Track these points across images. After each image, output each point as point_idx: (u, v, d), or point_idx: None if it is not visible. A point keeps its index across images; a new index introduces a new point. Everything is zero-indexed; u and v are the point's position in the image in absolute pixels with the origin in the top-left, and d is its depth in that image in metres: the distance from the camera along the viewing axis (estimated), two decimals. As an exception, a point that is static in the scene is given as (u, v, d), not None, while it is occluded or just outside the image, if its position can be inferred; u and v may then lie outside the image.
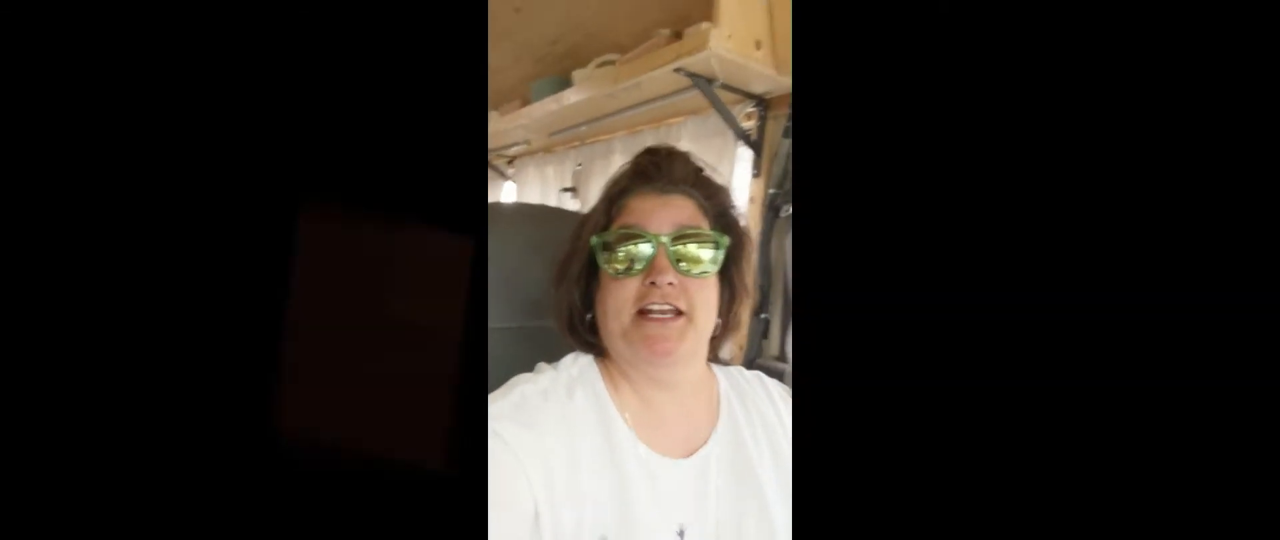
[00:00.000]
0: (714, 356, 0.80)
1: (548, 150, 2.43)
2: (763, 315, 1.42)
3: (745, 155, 1.51)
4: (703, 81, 1.35)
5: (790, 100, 1.42)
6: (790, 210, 1.38)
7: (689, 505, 0.68)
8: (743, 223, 0.76)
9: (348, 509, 0.50)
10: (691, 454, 0.71)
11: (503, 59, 2.09)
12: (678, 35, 1.35)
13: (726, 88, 1.40)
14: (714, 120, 1.51)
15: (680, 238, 0.69)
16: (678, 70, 1.33)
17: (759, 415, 0.77)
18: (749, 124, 1.49)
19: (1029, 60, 0.45)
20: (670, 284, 0.67)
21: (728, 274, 0.74)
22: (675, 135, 1.71)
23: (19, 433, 0.45)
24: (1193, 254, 0.43)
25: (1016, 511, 0.44)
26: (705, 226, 0.72)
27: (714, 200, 0.74)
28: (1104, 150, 0.44)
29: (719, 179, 0.76)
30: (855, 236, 0.47)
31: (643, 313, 0.67)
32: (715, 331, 0.74)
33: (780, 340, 1.43)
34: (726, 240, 0.72)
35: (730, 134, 1.47)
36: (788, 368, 1.33)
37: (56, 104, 0.46)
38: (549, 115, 1.89)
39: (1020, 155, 0.45)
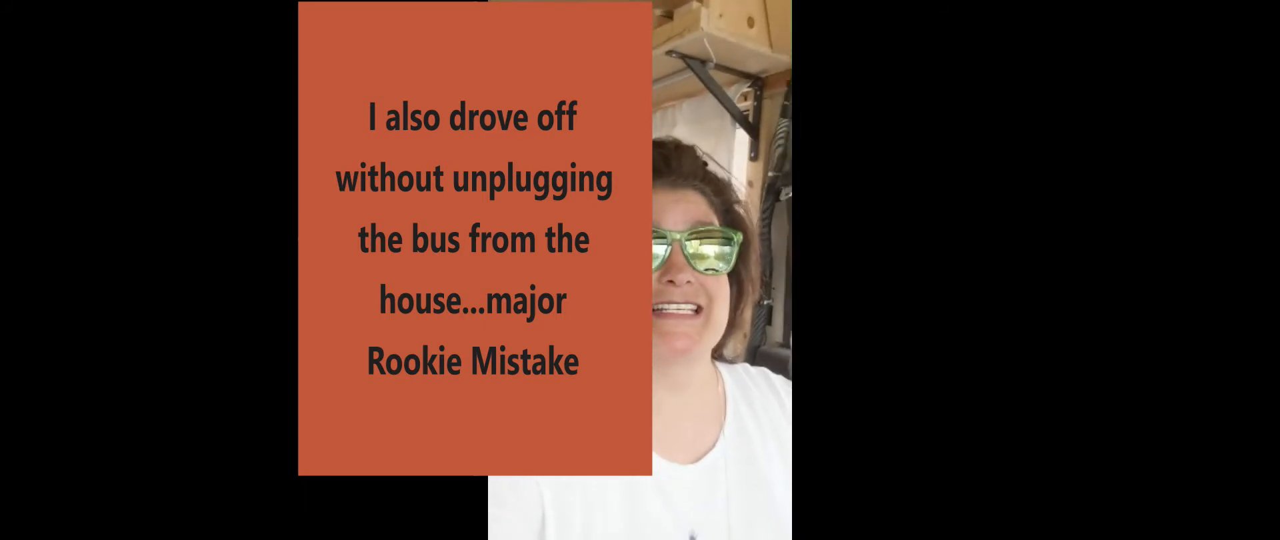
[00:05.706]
0: (718, 354, 0.78)
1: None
2: (765, 301, 1.40)
3: (743, 138, 1.47)
4: (696, 63, 1.31)
5: (788, 78, 1.38)
6: (790, 193, 1.35)
7: (699, 511, 0.67)
8: (748, 218, 0.74)
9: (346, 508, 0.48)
10: (699, 459, 0.70)
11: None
12: (669, 16, 1.31)
13: (721, 68, 1.36)
14: (710, 103, 1.47)
15: (695, 235, 0.67)
16: (670, 53, 1.29)
17: (766, 414, 0.76)
18: (745, 104, 1.45)
19: (1038, 47, 0.43)
20: (688, 282, 0.66)
21: (736, 272, 0.72)
22: (670, 120, 1.67)
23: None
24: (1194, 254, 0.42)
25: (1018, 510, 0.43)
26: (716, 222, 0.70)
27: (722, 196, 0.73)
28: (1114, 139, 0.42)
29: (722, 174, 0.75)
30: (858, 223, 0.45)
31: (658, 311, 0.65)
32: None
33: (784, 326, 1.41)
34: (739, 237, 0.71)
35: (727, 117, 1.43)
36: (790, 353, 1.31)
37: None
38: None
39: (1030, 142, 0.43)
